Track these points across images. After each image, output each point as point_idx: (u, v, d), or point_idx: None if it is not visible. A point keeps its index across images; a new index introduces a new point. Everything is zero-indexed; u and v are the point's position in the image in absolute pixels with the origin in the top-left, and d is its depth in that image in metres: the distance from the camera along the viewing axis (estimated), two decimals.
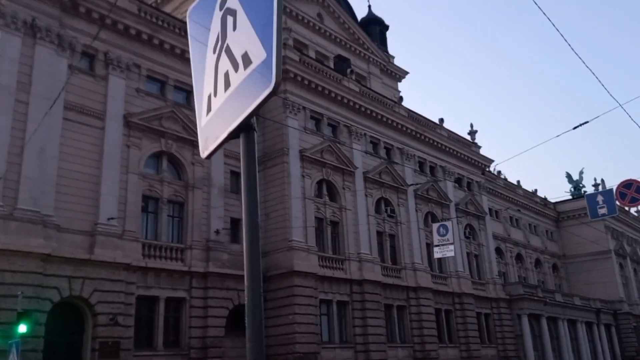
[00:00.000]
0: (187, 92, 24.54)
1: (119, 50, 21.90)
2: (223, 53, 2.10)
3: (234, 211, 25.02)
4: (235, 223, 24.94)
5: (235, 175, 25.57)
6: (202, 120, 2.26)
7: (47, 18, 19.63)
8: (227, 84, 2.06)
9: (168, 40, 23.48)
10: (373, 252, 29.32)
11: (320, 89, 28.75)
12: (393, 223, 31.84)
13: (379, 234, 30.73)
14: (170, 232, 22.94)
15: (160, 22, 23.57)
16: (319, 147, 28.19)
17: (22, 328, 13.52)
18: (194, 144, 23.84)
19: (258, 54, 1.87)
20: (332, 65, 35.49)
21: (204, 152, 2.26)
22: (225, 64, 2.08)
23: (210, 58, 2.20)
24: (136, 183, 21.65)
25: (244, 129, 2.04)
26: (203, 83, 2.26)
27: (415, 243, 32.39)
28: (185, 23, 24.16)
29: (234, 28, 2.05)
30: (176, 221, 23.37)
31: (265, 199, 25.77)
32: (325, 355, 24.97)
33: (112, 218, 20.03)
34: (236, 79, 2.00)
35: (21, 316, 13.86)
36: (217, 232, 23.66)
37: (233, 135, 2.09)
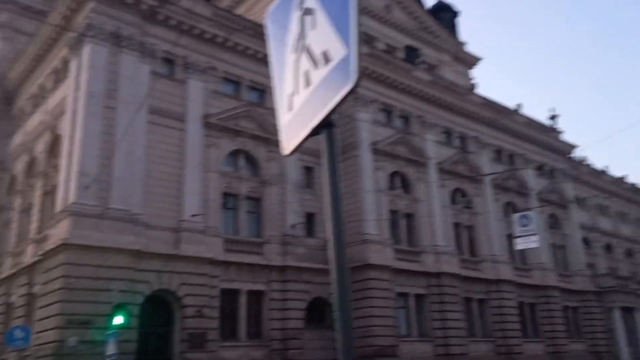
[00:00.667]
0: (261, 91, 25.21)
1: (196, 54, 22.82)
2: (303, 52, 2.20)
3: (308, 206, 25.42)
4: (310, 217, 25.35)
5: (308, 170, 25.97)
6: (283, 118, 2.37)
7: (130, 27, 20.81)
8: (308, 82, 2.16)
9: (242, 42, 24.17)
10: (450, 244, 28.79)
11: (390, 80, 28.53)
12: (470, 214, 31.09)
13: (456, 225, 30.11)
14: (248, 227, 23.68)
15: (233, 25, 24.30)
16: (391, 139, 28.00)
17: (118, 320, 14.49)
18: (268, 142, 24.45)
19: (338, 52, 1.95)
20: (401, 56, 35.08)
21: (285, 150, 2.36)
22: (305, 62, 2.18)
23: (290, 57, 2.31)
24: (216, 181, 22.53)
25: (325, 125, 2.14)
26: (284, 82, 2.37)
27: (494, 234, 31.45)
28: (257, 24, 24.97)
29: (313, 27, 2.14)
30: (254, 216, 24.08)
31: None
32: (404, 348, 24.86)
33: (195, 215, 20.96)
34: (316, 76, 2.09)
35: (117, 309, 14.85)
36: (293, 226, 24.15)
37: (314, 132, 2.19)
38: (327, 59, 2.04)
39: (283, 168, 24.75)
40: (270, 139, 24.66)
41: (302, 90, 2.22)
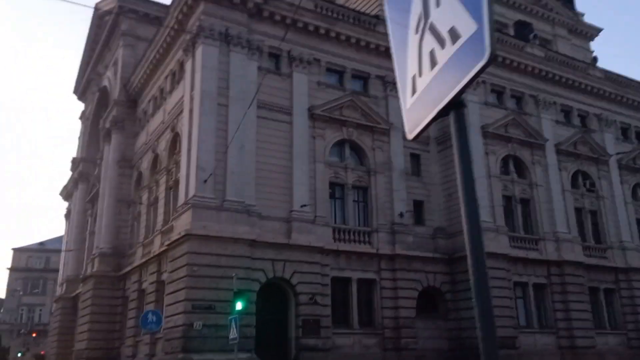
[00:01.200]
0: (364, 79, 25.17)
1: (300, 47, 23.24)
2: (427, 32, 2.10)
3: (416, 194, 25.02)
4: (418, 205, 24.94)
5: (414, 157, 25.55)
6: (407, 102, 2.29)
7: (238, 26, 21.66)
8: (433, 63, 2.05)
9: (343, 31, 24.23)
10: (572, 230, 26.94)
11: (500, 59, 27.12)
12: (594, 198, 28.84)
13: (578, 210, 28.10)
14: (356, 217, 23.79)
15: (335, 15, 24.41)
16: (503, 121, 26.66)
17: (239, 305, 15.25)
18: (373, 130, 24.36)
19: (467, 27, 1.83)
20: (512, 33, 33.17)
21: (410, 133, 2.28)
22: (429, 42, 2.08)
23: (413, 39, 2.22)
24: (323, 171, 22.87)
25: (454, 106, 2.03)
26: (406, 65, 2.29)
27: (622, 219, 28.94)
28: (358, 12, 24.89)
29: (437, 5, 2.03)
30: (361, 206, 24.15)
31: (447, 180, 25.26)
32: (524, 340, 23.72)
33: (304, 205, 21.45)
34: (443, 56, 1.99)
35: (237, 295, 15.63)
36: (401, 215, 23.88)
37: (442, 113, 2.09)
38: (454, 36, 1.92)
39: (389, 156, 24.54)
40: (375, 127, 24.56)
41: (427, 71, 2.12)
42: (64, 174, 40.46)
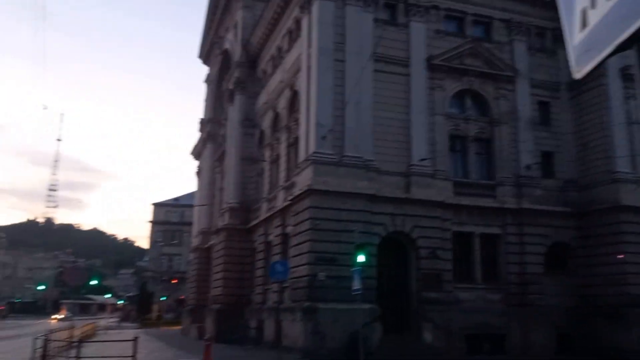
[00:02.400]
0: (486, 25, 23.73)
1: None
2: None
3: (544, 144, 23.52)
4: (546, 157, 23.44)
5: (543, 105, 23.88)
6: (575, 38, 2.10)
7: None
8: None
9: None
10: None
11: None
12: None
13: None
14: (478, 170, 22.97)
15: None
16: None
17: (361, 258, 15.62)
18: (496, 78, 23.08)
19: None
20: None
21: (578, 72, 2.09)
22: None
23: None
24: (442, 124, 22.22)
25: (636, 40, 1.82)
26: None
27: None
28: None
29: None
30: (484, 158, 23.23)
31: (581, 128, 23.38)
32: None
33: (423, 159, 21.11)
34: None
35: (358, 248, 15.99)
36: (528, 167, 22.65)
37: (622, 47, 1.89)
38: None
39: (514, 105, 23.19)
40: (498, 75, 23.23)
41: (602, 2, 1.92)
42: (194, 135, 43.84)
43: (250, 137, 30.50)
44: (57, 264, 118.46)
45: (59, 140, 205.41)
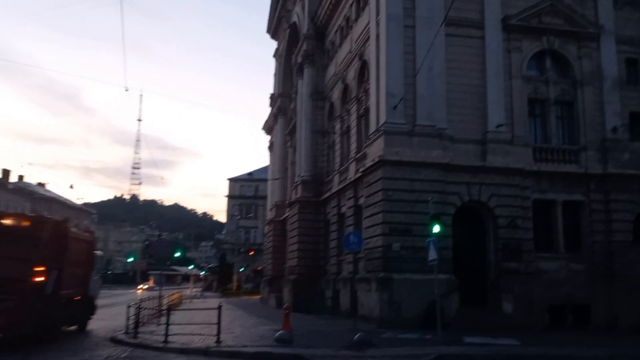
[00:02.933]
0: None
1: None
2: None
3: (632, 105, 22.03)
4: (635, 118, 21.90)
5: (631, 63, 22.31)
6: None
7: None
8: None
9: None
10: None
11: None
12: None
13: None
14: (560, 134, 21.85)
15: None
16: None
17: (436, 228, 15.39)
18: (579, 36, 21.71)
19: None
20: None
21: None
22: None
23: None
24: (520, 87, 21.25)
25: None
26: None
27: None
28: None
29: None
30: (565, 122, 22.07)
31: None
32: None
33: (500, 125, 20.34)
34: None
35: (433, 218, 15.75)
36: (614, 129, 21.30)
37: None
38: None
39: (598, 64, 21.75)
40: (581, 32, 21.82)
41: None
42: (266, 110, 44.66)
43: (320, 110, 30.60)
44: (143, 238, 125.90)
45: (139, 120, 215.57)
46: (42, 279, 13.43)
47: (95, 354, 11.90)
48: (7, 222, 13.95)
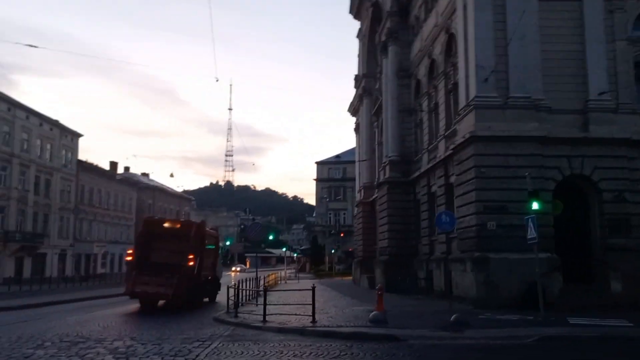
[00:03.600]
0: None
1: None
2: None
3: None
4: None
5: None
6: None
7: None
8: None
9: None
10: None
11: None
12: None
13: None
14: None
15: None
16: None
17: (534, 205, 14.66)
18: None
19: None
20: None
21: None
22: None
23: None
24: (624, 50, 19.68)
25: None
26: None
27: None
28: None
29: None
30: None
31: None
32: None
33: (603, 92, 18.92)
34: None
35: (531, 195, 15.00)
36: None
37: None
38: None
39: None
40: None
41: None
42: (351, 92, 44.37)
43: (406, 88, 30.02)
44: (238, 222, 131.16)
45: (230, 109, 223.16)
46: (192, 264, 19.02)
47: (200, 332, 12.62)
48: (167, 225, 20.57)
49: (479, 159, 18.48)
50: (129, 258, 20.65)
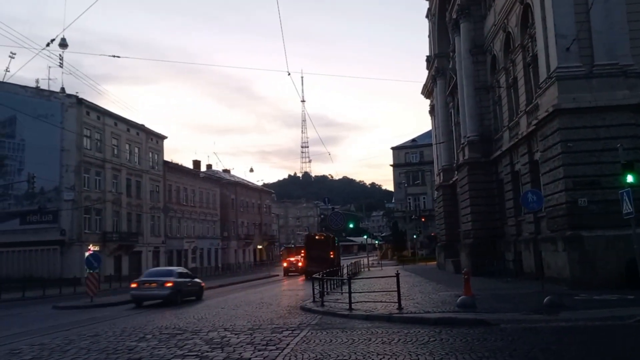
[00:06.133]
0: None
1: None
2: None
3: None
4: None
5: None
6: None
7: None
8: None
9: None
10: None
11: None
12: None
13: None
14: None
15: None
16: None
17: (629, 178, 13.71)
18: None
19: None
20: None
21: None
22: None
23: None
24: None
25: None
26: None
27: None
28: None
29: None
30: None
31: None
32: None
33: None
34: None
35: (625, 167, 14.03)
36: None
37: None
38: None
39: None
40: None
41: None
42: (423, 74, 43.36)
43: (481, 65, 28.98)
44: (318, 212, 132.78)
45: (302, 101, 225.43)
46: (332, 256, 37.47)
47: (289, 321, 12.97)
48: (317, 237, 41.12)
49: (565, 133, 17.54)
50: (303, 254, 42.43)
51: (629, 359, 7.40)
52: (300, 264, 46.20)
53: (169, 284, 20.61)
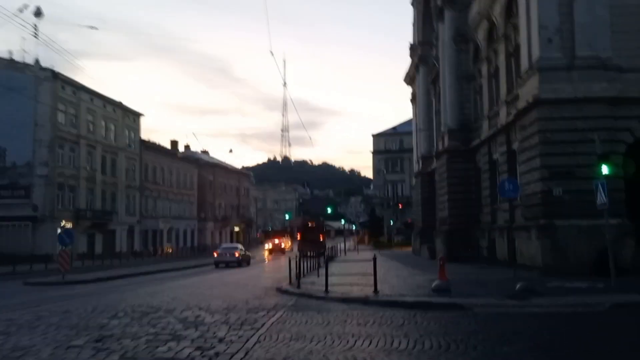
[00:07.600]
0: None
1: None
2: None
3: None
4: None
5: None
6: None
7: None
8: None
9: None
10: None
11: None
12: None
13: None
14: None
15: None
16: None
17: (604, 169, 13.94)
18: None
19: None
20: None
21: None
22: None
23: None
24: None
25: None
26: None
27: None
28: None
29: None
30: None
31: None
32: None
33: None
34: None
35: (600, 159, 14.26)
36: None
37: None
38: None
39: None
40: None
41: None
42: (406, 61, 43.23)
43: (464, 54, 29.04)
44: (297, 196, 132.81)
45: (284, 85, 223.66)
46: (322, 239, 43.83)
47: (265, 302, 12.95)
48: (309, 224, 48.49)
49: (543, 124, 17.72)
50: (299, 237, 45.94)
51: (597, 343, 7.57)
52: (283, 245, 57.81)
53: (237, 254, 32.70)
